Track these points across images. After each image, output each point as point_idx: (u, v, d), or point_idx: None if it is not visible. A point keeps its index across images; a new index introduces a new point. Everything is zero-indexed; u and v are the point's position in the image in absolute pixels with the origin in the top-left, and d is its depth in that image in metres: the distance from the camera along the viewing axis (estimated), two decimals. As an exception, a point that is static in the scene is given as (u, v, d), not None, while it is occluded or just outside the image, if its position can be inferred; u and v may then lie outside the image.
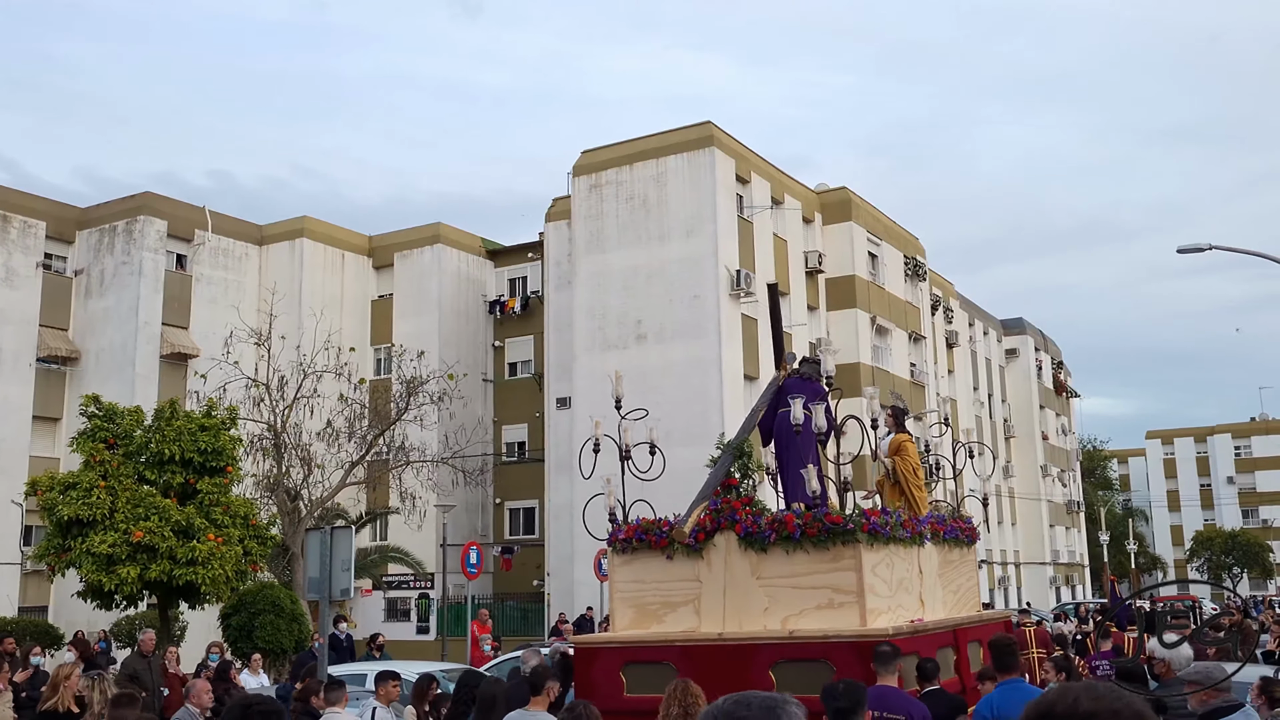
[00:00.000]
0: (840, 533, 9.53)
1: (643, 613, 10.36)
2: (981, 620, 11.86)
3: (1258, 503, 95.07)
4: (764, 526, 9.81)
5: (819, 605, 9.55)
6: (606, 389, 36.66)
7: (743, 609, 9.85)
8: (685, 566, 10.21)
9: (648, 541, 10.42)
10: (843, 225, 40.06)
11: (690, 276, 33.66)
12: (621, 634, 10.30)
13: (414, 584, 39.50)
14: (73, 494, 18.94)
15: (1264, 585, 78.21)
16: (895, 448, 11.58)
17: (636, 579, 10.46)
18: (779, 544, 9.75)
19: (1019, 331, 62.25)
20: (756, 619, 9.74)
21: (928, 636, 9.64)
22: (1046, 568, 58.58)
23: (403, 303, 42.99)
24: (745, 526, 9.89)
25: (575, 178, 36.38)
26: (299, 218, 42.47)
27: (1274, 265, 23.86)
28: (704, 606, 10.05)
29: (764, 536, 9.80)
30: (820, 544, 9.59)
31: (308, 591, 12.82)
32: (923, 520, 11.03)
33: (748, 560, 9.92)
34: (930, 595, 10.96)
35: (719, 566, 10.06)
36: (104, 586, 18.78)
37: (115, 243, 38.69)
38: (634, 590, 10.45)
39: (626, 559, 10.61)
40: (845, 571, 9.50)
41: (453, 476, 30.99)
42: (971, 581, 12.51)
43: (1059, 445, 65.29)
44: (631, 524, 10.67)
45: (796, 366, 11.31)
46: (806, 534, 9.62)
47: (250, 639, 21.11)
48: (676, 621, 10.15)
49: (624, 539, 10.65)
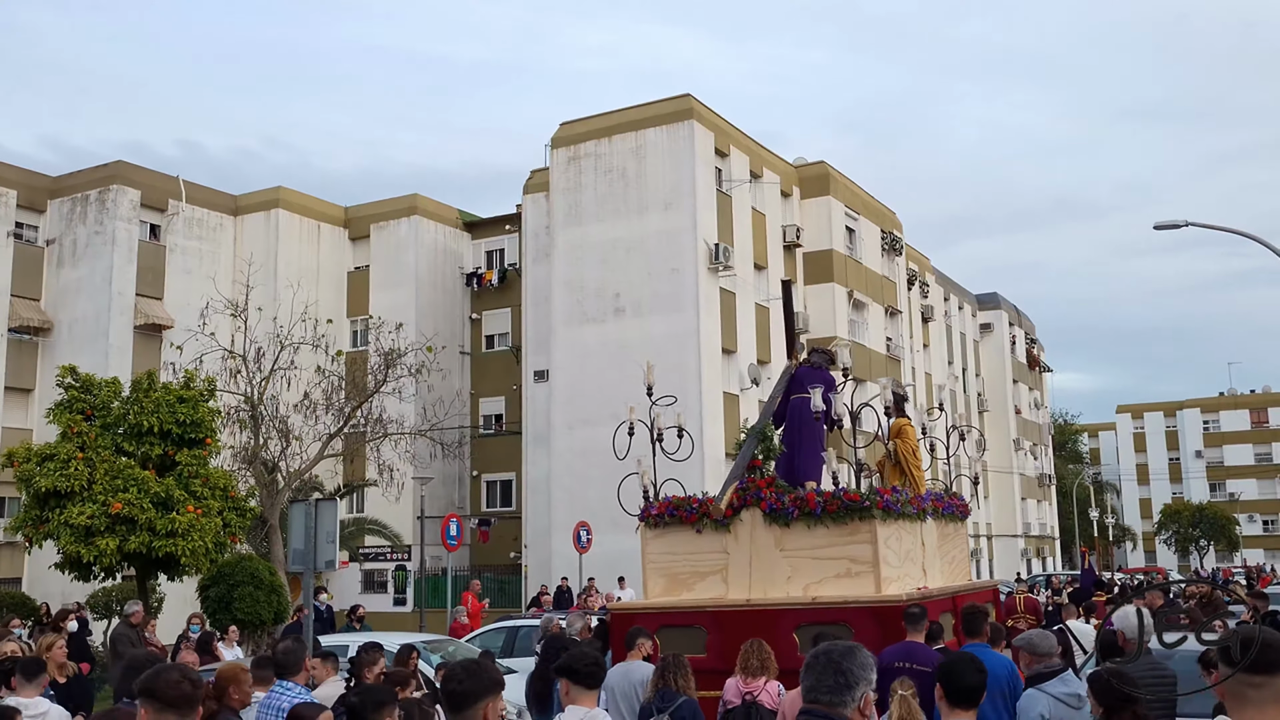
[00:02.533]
0: (858, 509, 10.47)
1: (674, 581, 11.27)
2: (974, 588, 12.90)
3: (1225, 477, 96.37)
4: (788, 503, 10.71)
5: (837, 574, 10.51)
6: (584, 362, 36.90)
7: (767, 578, 10.78)
8: (713, 539, 11.07)
9: (678, 517, 11.25)
10: (821, 200, 40.14)
11: (669, 250, 33.66)
12: (655, 600, 11.18)
13: (391, 556, 39.53)
14: (50, 465, 18.85)
15: (1230, 558, 79.45)
16: (896, 431, 12.46)
17: (668, 551, 11.34)
18: (801, 519, 10.66)
19: (994, 306, 62.65)
20: (780, 587, 10.68)
21: (932, 603, 10.42)
22: (1018, 540, 59.23)
23: (379, 274, 42.77)
24: (770, 503, 10.79)
25: (554, 150, 36.24)
26: (274, 188, 42.11)
27: (1242, 242, 24.12)
28: (731, 576, 10.94)
29: (787, 512, 10.70)
30: (839, 519, 10.52)
31: (291, 564, 12.84)
32: (925, 498, 11.99)
33: (772, 534, 10.82)
34: (930, 566, 11.93)
35: (745, 539, 10.95)
36: (83, 558, 18.72)
37: (88, 212, 38.26)
38: (665, 561, 11.34)
39: (659, 532, 11.44)
40: (862, 544, 10.46)
41: (430, 449, 30.96)
42: (963, 553, 13.49)
43: (1031, 419, 65.90)
44: (663, 500, 11.51)
45: (807, 356, 12.04)
46: (827, 510, 10.55)
47: (229, 611, 21.06)
48: (705, 589, 11.05)
49: (656, 514, 11.44)
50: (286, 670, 7.36)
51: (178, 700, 3.90)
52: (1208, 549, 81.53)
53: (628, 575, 27.89)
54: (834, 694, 3.46)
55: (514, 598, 36.25)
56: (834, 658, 3.53)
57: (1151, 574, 51.73)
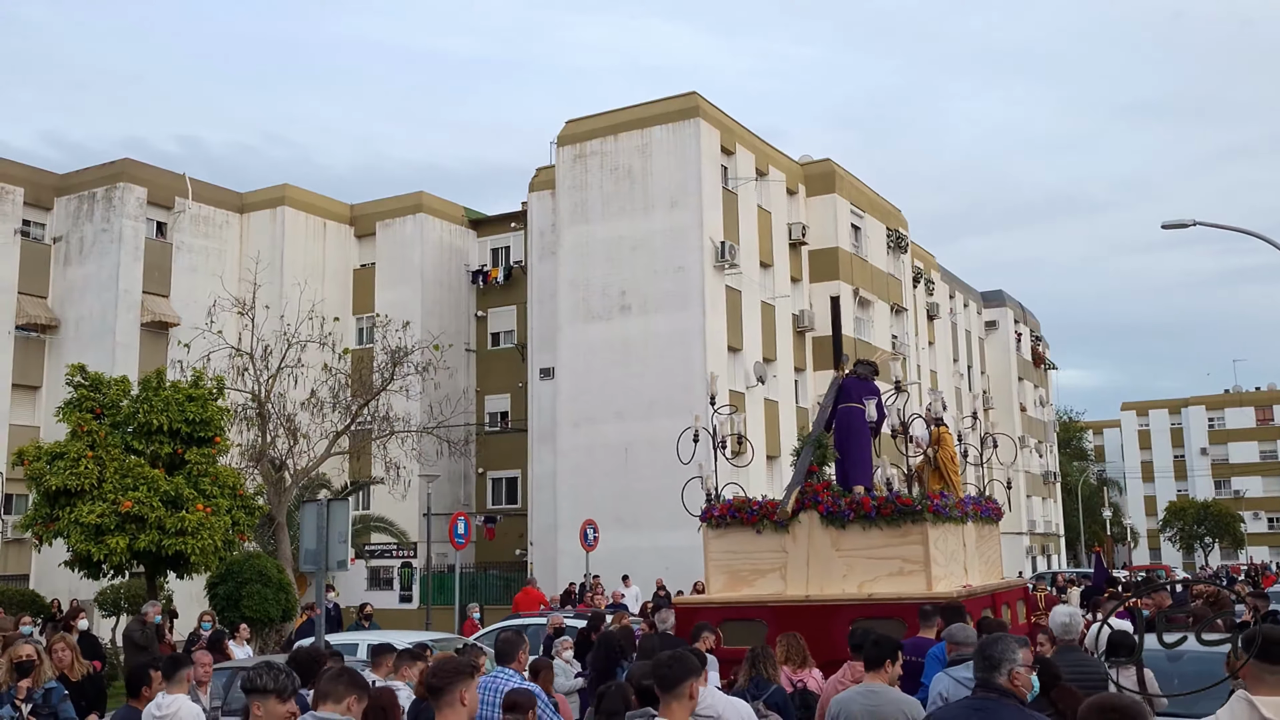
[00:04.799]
0: (910, 513, 11.38)
1: (734, 578, 12.06)
2: (1009, 586, 14.07)
3: (1230, 474, 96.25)
4: (844, 506, 11.57)
5: (890, 573, 11.33)
6: (590, 360, 36.95)
7: (824, 575, 11.61)
8: (773, 539, 11.91)
9: (739, 518, 12.06)
10: (826, 197, 40.13)
11: (674, 248, 33.68)
12: (718, 595, 11.97)
13: (397, 553, 39.61)
14: (60, 464, 18.91)
15: (1235, 555, 79.40)
16: (935, 439, 13.46)
17: (729, 550, 12.14)
18: (856, 521, 11.52)
19: (999, 304, 62.58)
20: (836, 584, 11.50)
21: (976, 599, 11.29)
22: (1023, 537, 59.23)
23: (385, 272, 42.83)
24: (827, 506, 11.65)
25: (559, 148, 36.26)
26: (280, 185, 42.16)
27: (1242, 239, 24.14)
28: (789, 573, 11.78)
29: (844, 515, 11.58)
30: (893, 522, 11.41)
31: (303, 563, 12.90)
32: (965, 501, 12.95)
33: (829, 534, 11.67)
34: (971, 565, 12.86)
35: (803, 539, 11.79)
36: (92, 556, 18.79)
37: (94, 210, 38.34)
38: (726, 559, 12.14)
39: (720, 532, 12.23)
40: (914, 545, 11.35)
41: (436, 446, 31.05)
42: (996, 553, 14.50)
43: (1036, 417, 65.85)
44: (724, 502, 12.31)
45: (853, 368, 12.97)
46: (881, 513, 11.45)
47: (237, 608, 21.15)
48: (765, 585, 11.86)
49: (718, 515, 12.23)
50: (505, 658, 8.12)
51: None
52: (1212, 547, 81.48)
53: (633, 573, 27.96)
54: (987, 671, 4.74)
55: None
56: (984, 646, 4.89)
57: (1156, 572, 51.71)
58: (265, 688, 4.95)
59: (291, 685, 5.08)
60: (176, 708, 7.40)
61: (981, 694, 4.75)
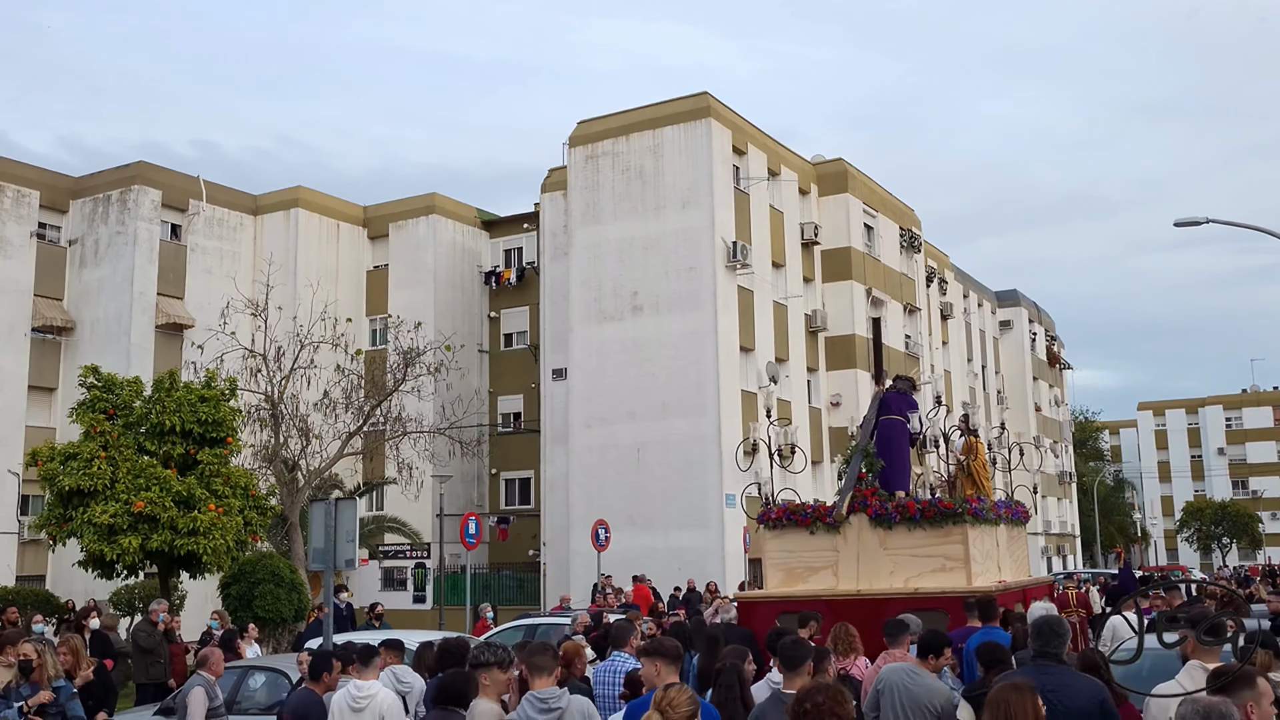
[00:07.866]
0: (951, 515, 12.57)
1: (790, 575, 13.18)
2: (1037, 583, 15.39)
3: (1248, 474, 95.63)
4: (891, 509, 12.69)
5: (933, 569, 12.47)
6: (602, 361, 37.01)
7: (872, 572, 12.70)
8: (825, 539, 13.02)
9: (794, 520, 13.18)
10: (839, 197, 40.03)
11: (686, 248, 33.65)
12: (775, 590, 13.12)
13: (410, 554, 39.68)
14: (73, 464, 19.01)
15: (1253, 556, 78.88)
16: (967, 447, 14.61)
17: (786, 549, 13.24)
18: (902, 523, 12.65)
19: (1013, 303, 62.31)
20: (884, 580, 12.61)
21: (1009, 595, 12.55)
22: (1039, 538, 58.96)
23: (398, 273, 42.93)
24: (875, 510, 12.77)
25: (571, 148, 36.28)
26: (293, 188, 42.29)
27: (1257, 238, 23.98)
28: (841, 570, 12.87)
29: (890, 517, 12.69)
30: (935, 523, 12.57)
31: (311, 562, 12.93)
32: (998, 505, 14.09)
33: (877, 535, 12.78)
34: (1003, 563, 14.05)
35: (853, 539, 12.89)
36: (105, 556, 18.88)
37: (109, 212, 38.55)
38: (783, 557, 13.26)
39: (777, 533, 13.34)
40: (954, 544, 12.50)
41: (449, 447, 31.07)
42: (1024, 552, 15.64)
43: (1051, 417, 65.55)
44: (779, 505, 13.46)
45: (893, 383, 14.02)
46: (925, 516, 12.59)
47: (250, 608, 21.24)
48: (818, 582, 12.94)
49: (775, 517, 13.35)
50: (618, 643, 9.08)
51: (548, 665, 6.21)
52: (1230, 547, 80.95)
53: (645, 573, 27.89)
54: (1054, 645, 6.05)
55: (533, 596, 36.35)
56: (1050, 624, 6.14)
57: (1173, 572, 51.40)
58: (489, 661, 6.28)
59: (509, 657, 6.51)
60: (374, 691, 7.70)
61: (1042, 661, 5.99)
